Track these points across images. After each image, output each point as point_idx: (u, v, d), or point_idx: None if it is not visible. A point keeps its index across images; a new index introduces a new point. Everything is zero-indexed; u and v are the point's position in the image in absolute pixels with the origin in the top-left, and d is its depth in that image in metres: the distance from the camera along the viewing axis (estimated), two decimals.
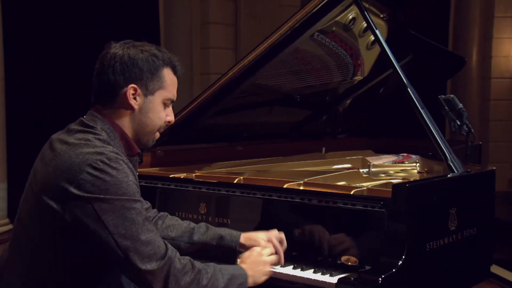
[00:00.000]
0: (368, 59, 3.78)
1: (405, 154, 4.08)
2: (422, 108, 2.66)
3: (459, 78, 5.54)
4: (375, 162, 3.65)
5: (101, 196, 1.62)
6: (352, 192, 2.44)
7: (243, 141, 3.70)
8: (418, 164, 3.36)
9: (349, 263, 2.24)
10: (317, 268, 2.25)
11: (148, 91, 1.86)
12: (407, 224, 2.12)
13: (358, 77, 3.93)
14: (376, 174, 3.32)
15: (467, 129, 2.97)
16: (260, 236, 2.19)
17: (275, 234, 2.21)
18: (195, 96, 3.34)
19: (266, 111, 3.79)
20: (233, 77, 3.02)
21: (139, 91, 1.84)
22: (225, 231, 2.21)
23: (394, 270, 2.04)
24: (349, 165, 3.64)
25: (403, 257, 2.07)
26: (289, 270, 2.28)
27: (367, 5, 2.98)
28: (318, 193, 2.51)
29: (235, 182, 2.79)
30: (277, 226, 2.50)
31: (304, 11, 2.85)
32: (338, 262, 2.28)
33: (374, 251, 2.20)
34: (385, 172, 3.43)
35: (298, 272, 2.25)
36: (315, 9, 2.83)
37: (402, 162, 3.82)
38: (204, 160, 3.45)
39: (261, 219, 2.59)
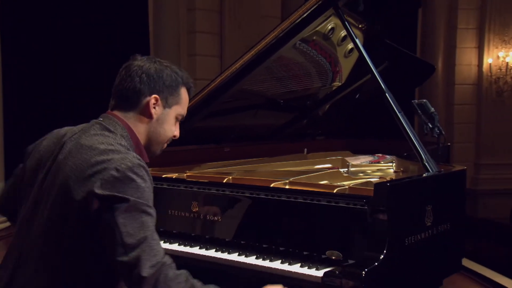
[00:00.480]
0: (346, 66, 3.79)
1: (380, 155, 4.09)
2: (399, 112, 2.66)
3: (426, 84, 5.58)
4: (354, 162, 3.64)
5: (119, 195, 1.62)
6: (335, 191, 2.44)
7: (230, 143, 3.68)
8: (394, 164, 3.35)
9: (333, 258, 2.22)
10: (304, 262, 2.24)
11: (167, 104, 1.90)
12: (388, 220, 2.12)
13: (337, 83, 3.94)
14: (355, 173, 3.32)
15: (438, 131, 3.00)
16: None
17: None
18: None
19: (251, 115, 3.78)
20: (222, 82, 3.03)
21: (159, 102, 1.87)
22: None
23: (376, 264, 2.05)
24: (329, 165, 3.62)
25: (384, 251, 2.08)
26: (277, 264, 2.26)
27: (346, 16, 2.96)
28: (304, 191, 2.49)
29: (224, 181, 2.77)
30: (265, 223, 2.50)
31: (289, 21, 2.84)
32: (323, 256, 2.26)
33: (357, 246, 2.20)
34: (363, 172, 3.44)
35: (286, 266, 2.23)
36: (299, 20, 2.82)
37: (378, 162, 3.83)
38: (193, 161, 3.42)
39: (249, 217, 2.56)
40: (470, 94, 9.52)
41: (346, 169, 3.38)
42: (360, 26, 3.36)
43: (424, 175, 2.45)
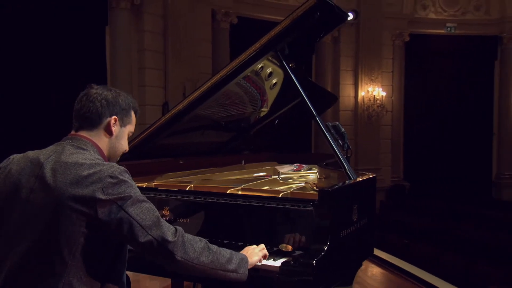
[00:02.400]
0: (271, 96, 3.71)
1: (298, 164, 4.04)
2: (327, 132, 2.58)
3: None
4: (282, 171, 3.58)
5: (122, 195, 1.58)
6: (280, 195, 2.32)
7: (184, 156, 3.49)
8: (317, 171, 3.27)
9: (283, 250, 2.09)
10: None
11: (122, 123, 1.83)
12: (329, 218, 2.02)
13: (264, 109, 3.85)
14: (286, 179, 3.23)
15: (347, 146, 2.95)
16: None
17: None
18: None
19: (200, 134, 3.62)
20: (182, 109, 2.84)
21: (117, 122, 1.80)
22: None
23: (322, 253, 1.93)
24: (265, 173, 3.52)
25: (328, 243, 1.97)
26: None
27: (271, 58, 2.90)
28: (255, 196, 2.34)
29: (187, 189, 2.58)
30: (225, 223, 2.33)
31: (238, 61, 2.69)
32: (275, 249, 2.12)
33: (302, 240, 2.09)
34: (291, 178, 3.35)
35: None
36: (246, 59, 2.69)
37: (299, 170, 3.78)
38: (157, 171, 3.19)
39: (212, 218, 2.38)
40: (350, 117, 9.80)
41: (279, 176, 3.28)
42: (290, 65, 3.28)
43: (351, 181, 2.37)
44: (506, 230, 7.09)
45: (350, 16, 9.00)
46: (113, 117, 1.77)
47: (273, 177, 3.25)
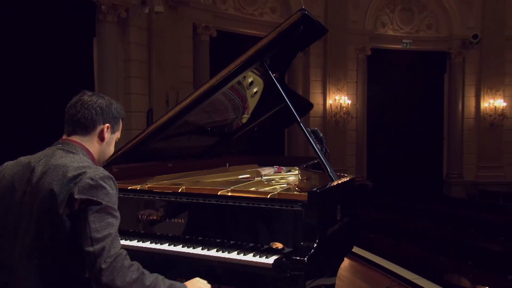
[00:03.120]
0: (251, 104, 3.64)
1: (277, 167, 3.97)
2: (310, 137, 2.53)
3: None
4: (264, 173, 3.50)
5: (94, 199, 1.48)
6: (268, 196, 2.25)
7: (172, 160, 3.39)
8: (299, 173, 3.21)
9: (274, 247, 2.03)
10: (255, 252, 2.01)
11: (113, 130, 1.76)
12: (318, 218, 1.97)
13: (245, 116, 3.78)
14: (269, 181, 3.16)
15: (325, 150, 2.91)
16: None
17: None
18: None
19: (187, 138, 3.52)
20: (172, 116, 2.74)
21: (109, 129, 1.73)
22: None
23: (312, 250, 1.89)
24: (248, 175, 3.44)
25: (317, 241, 1.92)
26: (233, 255, 2.01)
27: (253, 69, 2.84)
28: (245, 197, 2.28)
29: (179, 191, 2.48)
30: (219, 223, 2.25)
31: (226, 71, 2.62)
32: (266, 246, 2.05)
33: (292, 237, 2.03)
34: (273, 180, 3.28)
35: (241, 257, 1.99)
36: (235, 69, 2.61)
37: (280, 172, 3.71)
38: (146, 174, 3.07)
39: (206, 218, 2.28)
40: (319, 123, 9.79)
41: (263, 178, 3.21)
42: (274, 75, 3.23)
43: (334, 183, 2.32)
44: (454, 222, 7.24)
45: None
46: (106, 124, 1.71)
47: (257, 179, 3.19)
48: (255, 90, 3.38)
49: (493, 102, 10.72)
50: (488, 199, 9.62)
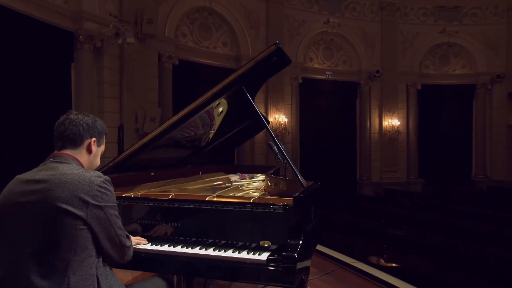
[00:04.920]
0: (217, 121, 3.52)
1: (240, 174, 3.86)
2: (283, 149, 2.45)
3: None
4: (233, 179, 3.36)
5: (109, 204, 1.46)
6: (251, 201, 2.12)
7: (153, 169, 3.16)
8: (268, 180, 3.10)
9: (265, 245, 1.92)
10: (248, 250, 1.88)
11: (99, 144, 1.70)
12: (301, 218, 1.88)
13: (212, 131, 3.64)
14: (241, 186, 3.02)
15: (285, 160, 2.82)
16: None
17: None
18: None
19: (164, 150, 3.31)
20: (158, 132, 2.53)
21: (96, 142, 1.67)
22: None
23: (299, 247, 1.79)
24: (221, 182, 3.26)
25: (302, 238, 1.83)
26: (229, 253, 1.87)
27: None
28: (232, 202, 2.12)
29: (169, 197, 2.27)
30: (211, 226, 2.08)
31: (211, 93, 2.47)
32: (254, 245, 1.94)
33: (277, 236, 1.92)
34: (243, 185, 3.14)
35: (236, 254, 1.86)
36: (217, 92, 2.48)
37: (245, 179, 3.58)
38: (133, 183, 2.83)
39: (200, 221, 2.11)
40: (263, 137, 9.61)
41: (233, 183, 3.06)
42: (245, 97, 3.12)
43: (308, 187, 2.24)
44: (367, 215, 7.49)
45: None
46: (93, 138, 1.64)
47: (228, 184, 3.04)
48: (220, 109, 3.26)
49: (391, 121, 11.31)
50: (389, 196, 10.07)
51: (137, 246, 1.98)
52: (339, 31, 10.78)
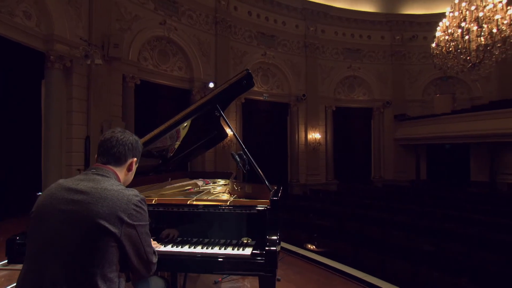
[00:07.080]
0: (182, 134, 3.36)
1: (203, 179, 3.68)
2: (253, 160, 2.39)
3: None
4: (200, 184, 3.19)
5: (142, 223, 1.30)
6: (228, 203, 2.03)
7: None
8: (234, 184, 2.99)
9: (245, 241, 1.84)
10: (233, 247, 1.78)
11: (137, 162, 1.55)
12: (276, 216, 1.84)
13: (177, 143, 3.47)
14: (210, 190, 2.88)
15: (248, 168, 2.79)
16: None
17: None
18: None
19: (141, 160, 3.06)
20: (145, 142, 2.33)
21: (136, 161, 1.53)
22: None
23: (277, 241, 1.74)
24: (190, 187, 3.08)
25: (278, 233, 1.78)
26: (216, 250, 1.76)
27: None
28: (213, 205, 2.00)
29: (153, 202, 2.08)
30: (195, 227, 1.95)
31: (190, 109, 2.36)
32: (234, 241, 1.84)
33: (255, 233, 1.85)
34: (209, 189, 3.00)
35: (222, 251, 1.75)
36: (195, 108, 2.37)
37: (209, 183, 3.43)
38: None
39: (184, 225, 1.96)
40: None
41: (200, 188, 2.91)
42: (216, 113, 3.01)
43: (274, 190, 2.20)
44: (298, 210, 7.62)
45: (212, 85, 8.94)
46: (134, 158, 1.50)
47: (202, 188, 2.87)
48: (185, 124, 3.12)
49: (314, 135, 11.84)
50: (314, 194, 10.43)
51: None
52: (273, 62, 11.09)
